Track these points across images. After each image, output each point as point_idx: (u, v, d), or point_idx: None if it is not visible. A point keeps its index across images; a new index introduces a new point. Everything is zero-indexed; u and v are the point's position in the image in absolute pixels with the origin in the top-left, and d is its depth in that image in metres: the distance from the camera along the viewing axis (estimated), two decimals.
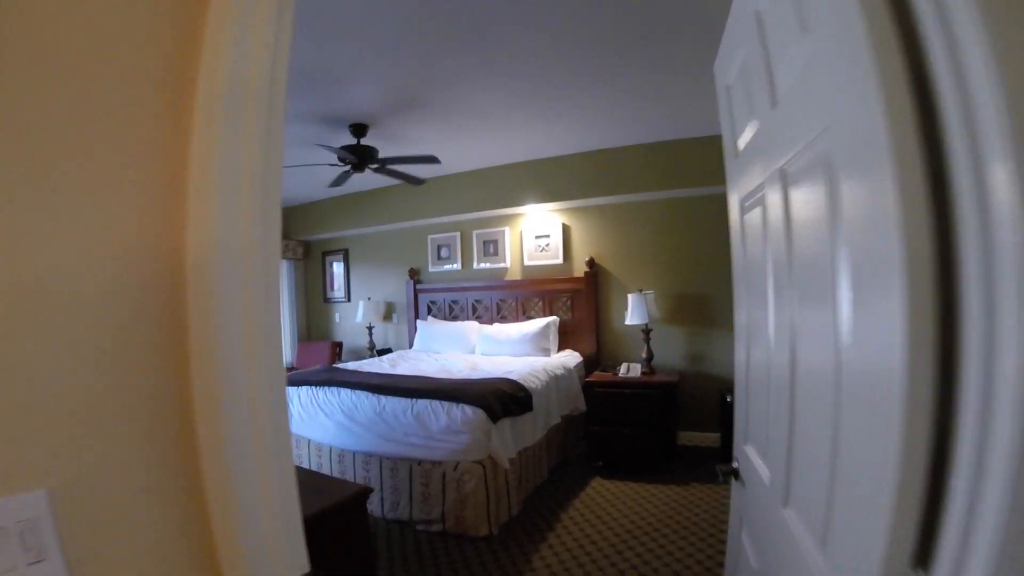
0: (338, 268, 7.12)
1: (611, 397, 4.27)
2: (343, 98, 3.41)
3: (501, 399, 3.28)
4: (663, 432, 4.15)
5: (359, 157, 3.81)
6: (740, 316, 1.57)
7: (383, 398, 3.47)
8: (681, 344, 4.90)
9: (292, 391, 4.05)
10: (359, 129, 3.88)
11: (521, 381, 3.67)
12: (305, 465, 3.93)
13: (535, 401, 3.63)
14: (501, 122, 4.09)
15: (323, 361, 6.39)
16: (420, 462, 3.27)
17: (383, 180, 5.80)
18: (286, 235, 7.25)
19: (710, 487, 3.87)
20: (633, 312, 4.57)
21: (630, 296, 4.62)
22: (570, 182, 5.05)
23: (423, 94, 3.46)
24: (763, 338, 1.29)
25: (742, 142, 1.47)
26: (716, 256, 4.72)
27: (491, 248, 5.80)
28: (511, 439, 3.35)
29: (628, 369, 4.53)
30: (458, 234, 6.01)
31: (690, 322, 4.86)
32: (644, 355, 4.60)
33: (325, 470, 3.77)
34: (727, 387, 4.50)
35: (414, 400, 3.34)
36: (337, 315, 7.23)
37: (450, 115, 3.86)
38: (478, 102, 3.63)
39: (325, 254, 7.28)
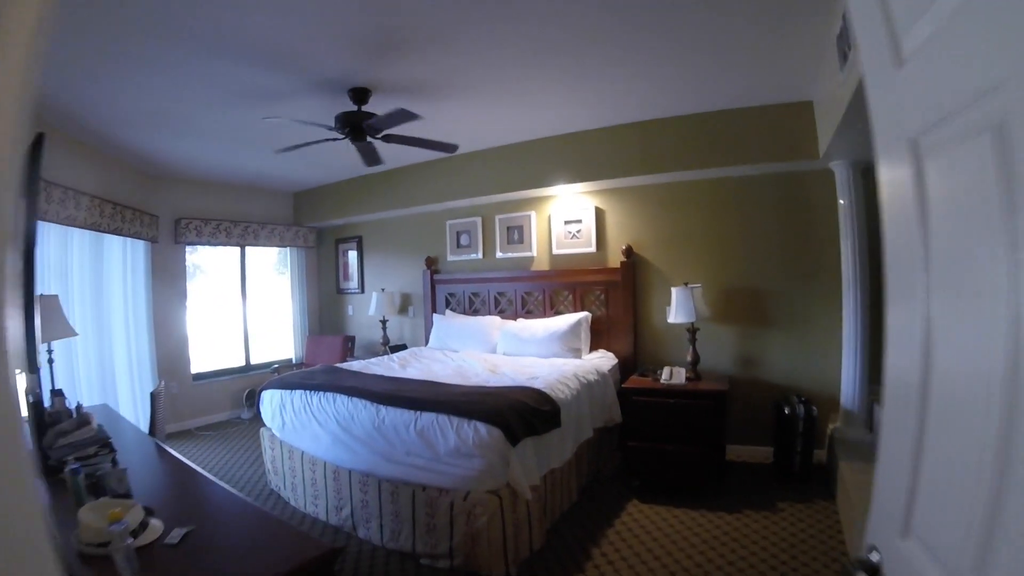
0: (352, 257, 6.64)
1: (652, 407, 3.68)
2: (341, 55, 2.87)
3: (522, 415, 2.71)
4: (710, 448, 3.54)
5: (355, 125, 3.26)
6: (899, 314, 0.98)
7: (382, 408, 2.94)
8: (731, 346, 4.28)
9: (284, 395, 3.56)
10: (360, 95, 3.33)
11: (548, 391, 3.10)
12: (299, 479, 3.45)
13: (564, 415, 3.06)
14: (525, 89, 3.50)
15: (334, 357, 5.94)
16: (424, 488, 2.73)
17: (398, 160, 5.28)
18: (297, 222, 6.80)
19: (765, 515, 3.27)
20: (678, 308, 3.96)
21: (674, 290, 4.01)
22: (605, 159, 4.41)
23: (433, 55, 2.90)
24: (977, 345, 0.70)
25: (915, 40, 0.86)
26: (775, 244, 4.11)
27: (515, 235, 5.22)
28: (534, 463, 2.79)
29: (671, 374, 3.92)
30: (479, 219, 5.44)
31: (741, 320, 4.24)
32: (689, 358, 3.99)
33: (319, 487, 3.28)
34: (783, 396, 3.91)
35: (418, 413, 2.79)
36: (350, 307, 6.76)
37: (467, 81, 3.30)
38: (497, 63, 3.06)
39: (338, 242, 6.82)
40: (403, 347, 5.68)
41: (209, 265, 6.34)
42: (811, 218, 3.98)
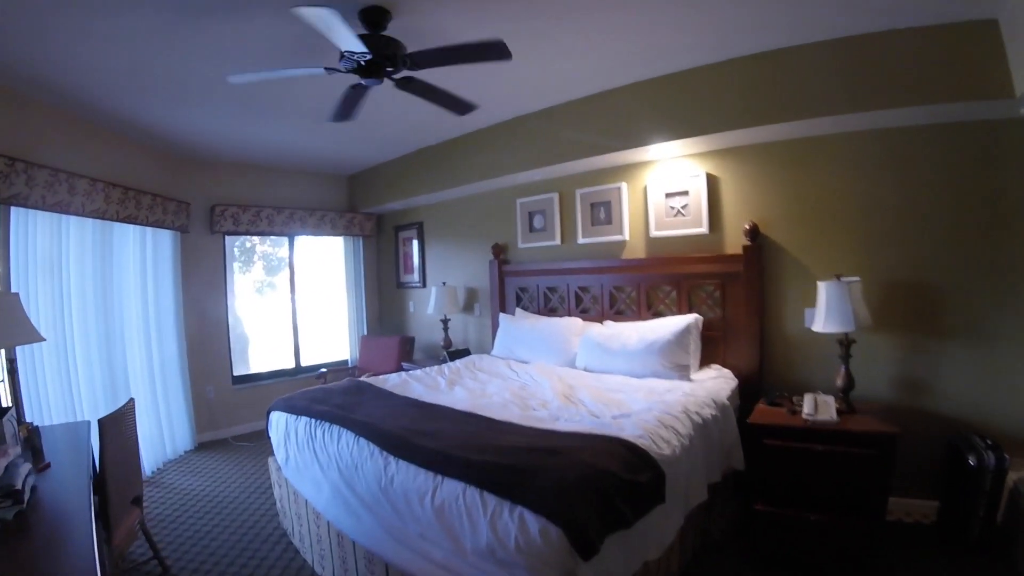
0: (413, 246, 5.81)
1: (791, 455, 2.56)
2: None
3: (604, 496, 1.61)
4: (868, 514, 2.40)
5: (374, 54, 2.32)
6: None
7: (391, 461, 1.99)
8: (891, 364, 3.01)
9: (290, 421, 2.73)
10: (375, 16, 2.39)
11: (646, 445, 1.98)
12: (305, 529, 2.60)
13: (670, 481, 1.94)
14: (610, 13, 2.43)
15: (389, 361, 5.16)
16: None
17: (460, 127, 4.33)
18: (352, 208, 6.07)
19: None
20: (827, 312, 2.74)
21: (822, 285, 2.79)
22: (719, 107, 3.17)
23: None
24: None
25: None
26: (950, 223, 2.83)
27: (601, 213, 4.11)
28: (621, 566, 1.71)
29: (816, 405, 2.69)
30: (555, 196, 4.38)
31: (904, 329, 2.96)
32: (840, 382, 2.78)
33: (324, 546, 2.40)
34: (960, 436, 2.66)
35: (438, 479, 1.80)
36: (411, 303, 5.95)
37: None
38: None
39: (398, 229, 6.02)
40: (465, 352, 4.76)
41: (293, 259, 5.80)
42: (1001, 186, 2.68)
